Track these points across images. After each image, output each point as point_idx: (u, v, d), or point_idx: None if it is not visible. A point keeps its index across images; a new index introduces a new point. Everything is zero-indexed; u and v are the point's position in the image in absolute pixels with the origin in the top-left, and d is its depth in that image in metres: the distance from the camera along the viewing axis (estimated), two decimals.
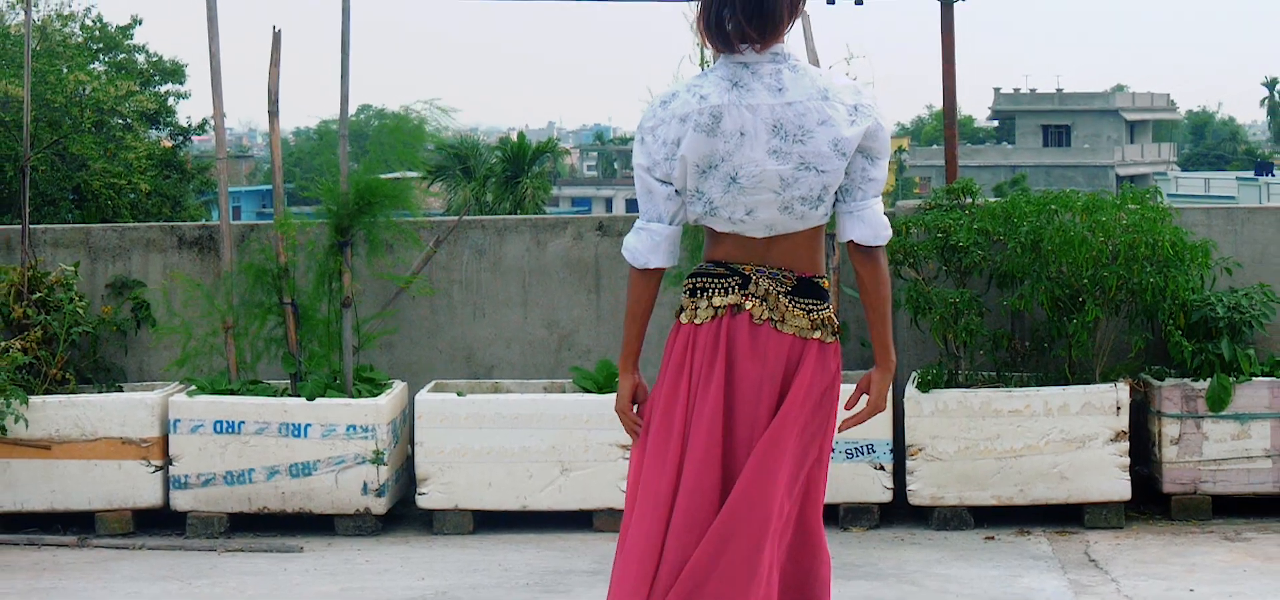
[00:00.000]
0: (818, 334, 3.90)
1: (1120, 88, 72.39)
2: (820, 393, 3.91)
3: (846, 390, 4.04)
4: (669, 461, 3.88)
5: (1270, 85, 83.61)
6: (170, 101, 33.11)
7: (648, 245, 3.95)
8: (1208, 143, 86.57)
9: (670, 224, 3.94)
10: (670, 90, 3.96)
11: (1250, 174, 61.18)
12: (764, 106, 3.84)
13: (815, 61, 7.08)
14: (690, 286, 3.96)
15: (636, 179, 3.99)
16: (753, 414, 3.86)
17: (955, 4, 7.85)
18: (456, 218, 8.21)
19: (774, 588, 3.86)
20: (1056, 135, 69.89)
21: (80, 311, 7.64)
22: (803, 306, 3.89)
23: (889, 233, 3.97)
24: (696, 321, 3.92)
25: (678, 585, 3.77)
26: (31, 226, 7.87)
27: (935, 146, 63.59)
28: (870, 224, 3.94)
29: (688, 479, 3.85)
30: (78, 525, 7.30)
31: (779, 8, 3.84)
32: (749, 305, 3.88)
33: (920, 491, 7.09)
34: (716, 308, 3.90)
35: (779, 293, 3.88)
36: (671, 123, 3.88)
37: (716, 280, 3.93)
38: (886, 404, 4.06)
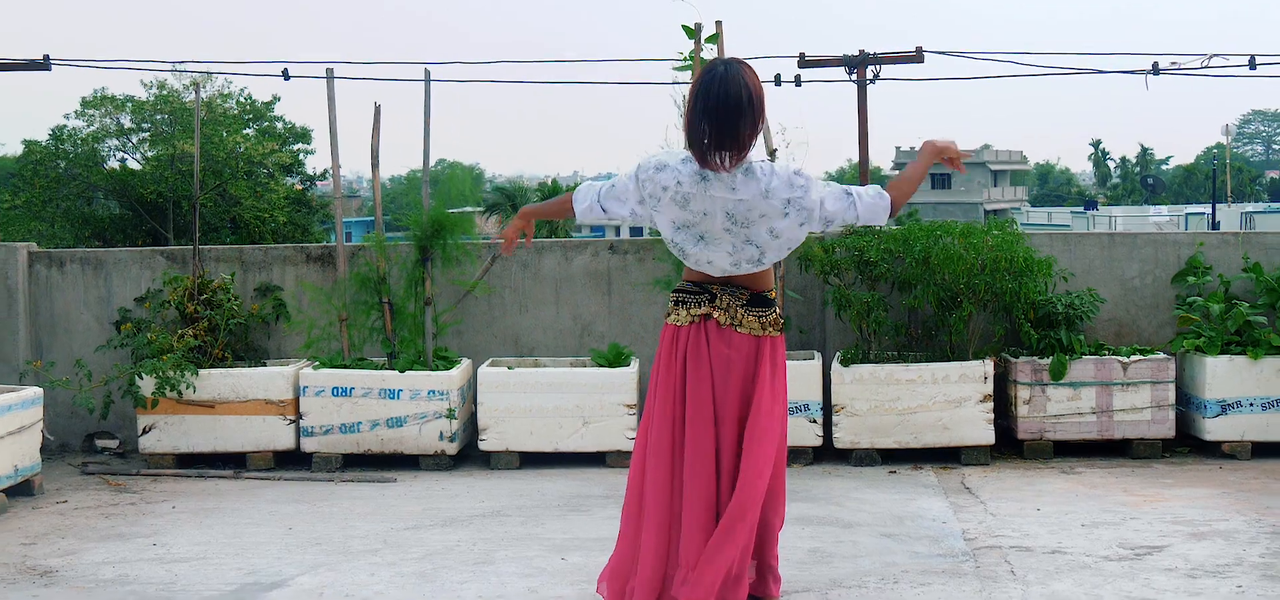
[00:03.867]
0: (768, 332, 4.10)
1: (986, 146, 72.18)
2: (775, 374, 4.14)
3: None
4: (673, 422, 4.09)
5: (1095, 144, 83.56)
6: (301, 157, 33.14)
7: (586, 208, 4.16)
8: (1050, 186, 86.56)
9: (607, 216, 4.16)
10: (663, 160, 4.07)
11: (1081, 208, 61.20)
12: (720, 199, 3.99)
13: (767, 132, 7.07)
14: (676, 299, 4.16)
15: (618, 185, 4.14)
16: (725, 382, 4.07)
17: (868, 87, 7.84)
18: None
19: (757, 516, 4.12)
20: (940, 180, 69.80)
21: (235, 308, 7.64)
22: (755, 313, 4.09)
23: (883, 204, 4.06)
24: (680, 323, 4.11)
25: (715, 537, 3.99)
26: (200, 247, 7.88)
27: None
28: (869, 215, 4.06)
29: (691, 431, 4.06)
30: (233, 463, 7.31)
31: (741, 135, 3.91)
32: (716, 313, 4.08)
33: (842, 438, 7.09)
34: (694, 315, 4.10)
35: (737, 305, 4.08)
36: (656, 187, 4.04)
37: (693, 295, 4.12)
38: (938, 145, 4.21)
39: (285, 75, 8.39)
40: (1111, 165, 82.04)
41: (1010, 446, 7.26)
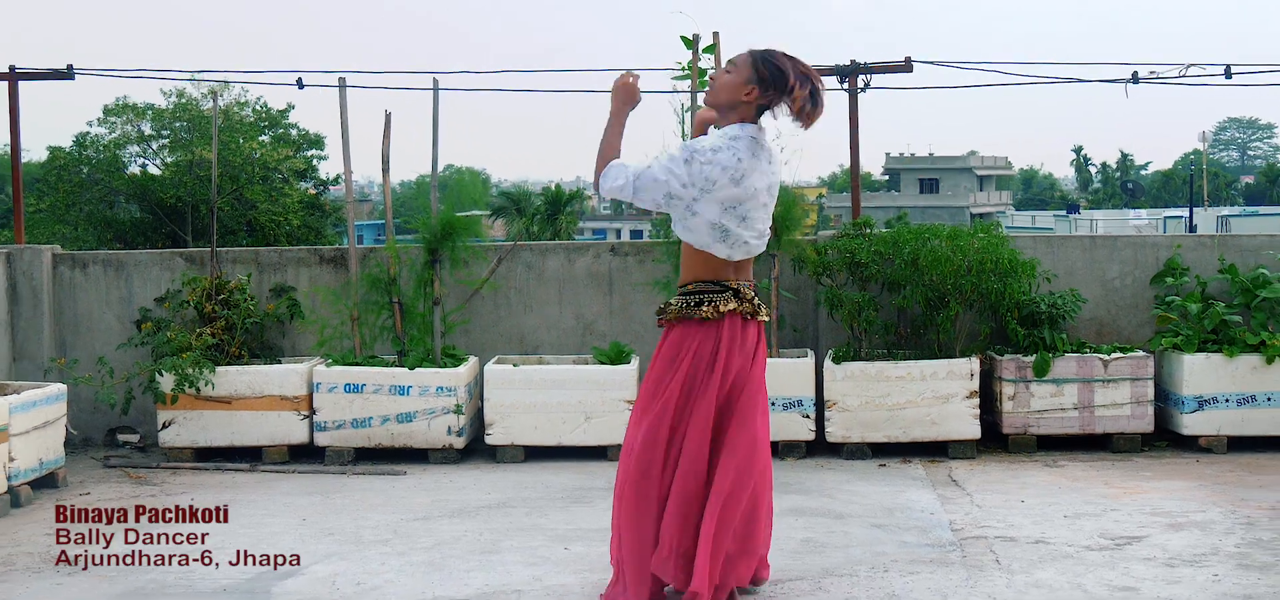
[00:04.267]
0: (762, 318, 4.22)
1: (973, 152, 72.08)
2: (762, 358, 4.25)
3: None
4: (675, 415, 4.08)
5: (1077, 150, 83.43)
6: (314, 162, 33.10)
7: (618, 186, 4.04)
8: (1034, 191, 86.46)
9: (635, 200, 4.05)
10: (717, 143, 4.04)
11: (1063, 212, 61.14)
12: (765, 171, 4.12)
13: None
14: (699, 297, 4.10)
15: (660, 171, 4.02)
16: (726, 371, 4.10)
17: (859, 95, 7.84)
18: (512, 243, 8.22)
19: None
20: (929, 185, 69.76)
21: (251, 308, 7.65)
22: (762, 302, 4.25)
23: None
24: (698, 319, 4.07)
25: (721, 521, 4.02)
26: (217, 249, 7.88)
27: (844, 193, 63.34)
28: None
29: (696, 420, 4.06)
30: (249, 457, 7.31)
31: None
32: (742, 306, 4.12)
33: (834, 432, 7.09)
34: (722, 311, 4.08)
35: (752, 297, 4.17)
36: (715, 169, 4.00)
37: (719, 292, 4.09)
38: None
39: (299, 84, 8.40)
40: (1093, 170, 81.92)
41: (995, 441, 7.26)
